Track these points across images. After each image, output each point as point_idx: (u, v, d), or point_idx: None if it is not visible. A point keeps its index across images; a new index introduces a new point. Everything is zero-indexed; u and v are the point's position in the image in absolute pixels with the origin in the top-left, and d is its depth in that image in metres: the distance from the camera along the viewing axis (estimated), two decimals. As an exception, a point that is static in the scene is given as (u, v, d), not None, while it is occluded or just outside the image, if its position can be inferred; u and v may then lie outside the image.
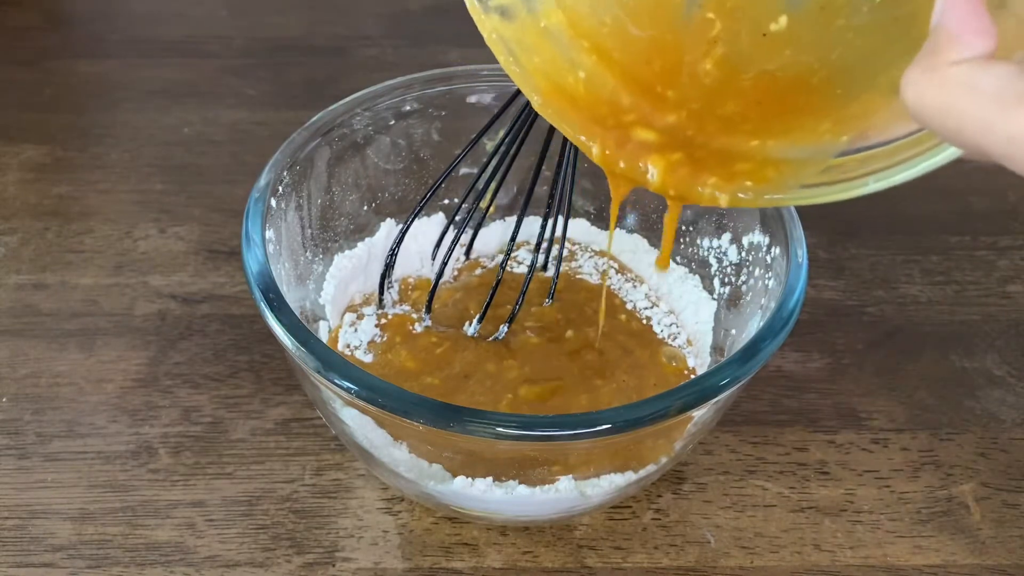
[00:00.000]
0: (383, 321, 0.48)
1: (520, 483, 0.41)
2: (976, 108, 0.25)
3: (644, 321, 0.50)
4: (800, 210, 0.44)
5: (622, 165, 0.34)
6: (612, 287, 0.52)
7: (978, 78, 0.25)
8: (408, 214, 0.48)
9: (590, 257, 0.53)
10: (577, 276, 0.52)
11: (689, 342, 0.49)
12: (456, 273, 0.52)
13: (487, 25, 0.35)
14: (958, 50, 0.25)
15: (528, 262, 0.52)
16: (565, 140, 0.45)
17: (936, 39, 0.26)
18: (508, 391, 0.45)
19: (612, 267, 0.53)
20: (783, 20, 0.34)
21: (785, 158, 0.33)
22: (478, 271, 0.52)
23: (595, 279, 0.52)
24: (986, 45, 0.26)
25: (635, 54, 0.35)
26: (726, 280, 0.49)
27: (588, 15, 0.36)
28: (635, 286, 0.52)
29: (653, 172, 0.34)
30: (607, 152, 0.35)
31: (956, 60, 0.25)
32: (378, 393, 0.36)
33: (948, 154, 0.29)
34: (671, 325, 0.50)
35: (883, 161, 0.31)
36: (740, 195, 0.34)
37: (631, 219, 0.53)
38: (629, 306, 0.51)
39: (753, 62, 0.35)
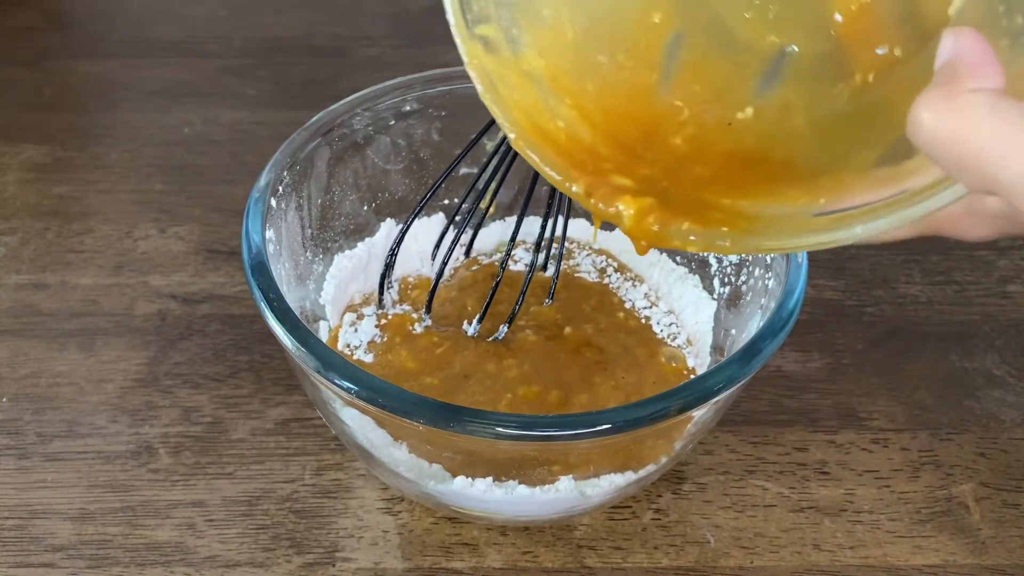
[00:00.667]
0: (383, 321, 0.48)
1: (520, 483, 0.41)
2: (997, 132, 0.25)
3: (643, 320, 0.50)
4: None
5: (599, 205, 0.34)
6: (611, 286, 0.52)
7: (1002, 104, 0.25)
8: (408, 214, 0.48)
9: (588, 255, 0.53)
10: (576, 275, 0.52)
11: (689, 342, 0.49)
12: (452, 272, 0.52)
13: (470, 50, 0.35)
14: (978, 79, 0.26)
15: (526, 261, 0.52)
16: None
17: (952, 71, 0.26)
18: (508, 391, 0.45)
19: (611, 265, 0.53)
20: (748, 111, 0.35)
21: (760, 214, 0.34)
22: (475, 268, 0.52)
23: (593, 277, 0.52)
24: (1001, 80, 0.26)
25: (612, 119, 0.36)
26: (726, 280, 0.49)
27: (569, 73, 0.36)
28: (635, 285, 0.52)
29: (626, 215, 0.34)
30: (583, 192, 0.35)
31: (975, 88, 0.26)
32: (378, 393, 0.36)
33: (940, 198, 0.28)
34: (671, 325, 0.50)
35: (866, 216, 0.31)
36: (717, 242, 0.33)
37: (631, 219, 0.53)
38: (628, 305, 0.51)
39: (719, 143, 0.35)
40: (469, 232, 0.51)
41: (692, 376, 0.48)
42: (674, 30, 0.36)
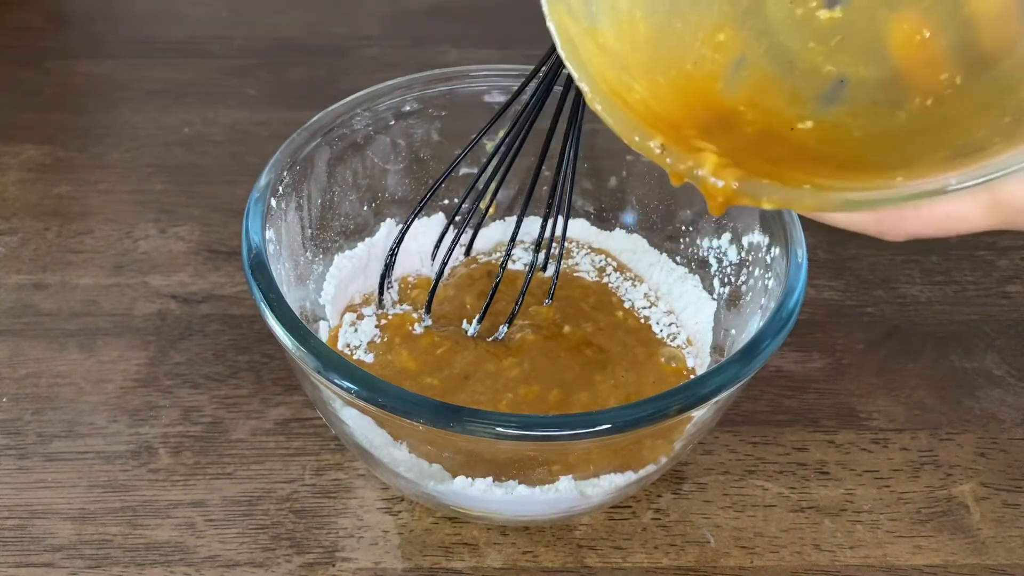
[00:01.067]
0: (383, 322, 0.48)
1: (520, 483, 0.41)
2: None
3: (642, 320, 0.50)
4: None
5: (677, 158, 0.34)
6: (610, 285, 0.52)
7: None
8: (408, 214, 0.48)
9: (587, 254, 0.53)
10: (575, 274, 0.52)
11: (689, 342, 0.49)
12: (452, 271, 0.52)
13: (552, 6, 0.34)
14: None
15: (524, 260, 0.53)
16: (565, 140, 0.45)
17: None
18: (508, 390, 0.45)
19: (611, 265, 0.53)
20: (808, 123, 0.35)
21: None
22: (474, 267, 0.52)
23: (592, 276, 0.52)
24: None
25: (684, 106, 0.36)
26: (726, 280, 0.49)
27: (640, 65, 0.36)
28: (634, 285, 0.52)
29: (708, 163, 0.33)
30: (661, 143, 0.34)
31: None
32: (378, 393, 0.36)
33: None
34: (670, 325, 0.50)
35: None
36: (798, 198, 0.32)
37: (631, 219, 0.53)
38: (627, 304, 0.51)
39: (785, 141, 0.35)
40: (469, 232, 0.51)
41: (692, 376, 0.48)
42: (739, 52, 0.36)
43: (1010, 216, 0.30)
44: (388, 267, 0.49)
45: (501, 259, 0.52)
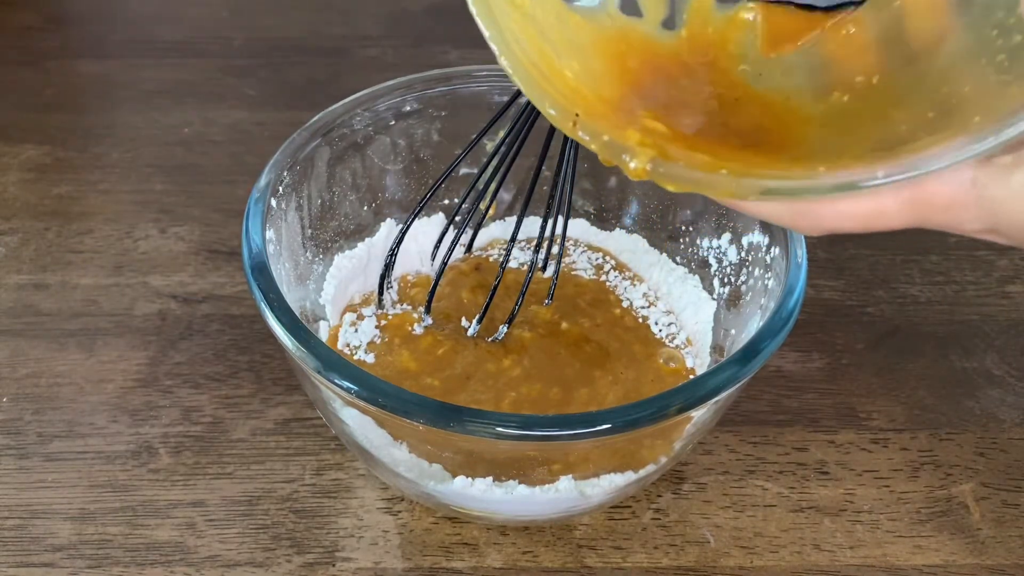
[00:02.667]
0: (383, 322, 0.48)
1: (520, 483, 0.41)
2: None
3: (640, 320, 0.50)
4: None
5: (585, 137, 0.33)
6: (608, 283, 0.52)
7: None
8: (408, 214, 0.48)
9: (583, 252, 0.53)
10: (572, 272, 0.52)
11: (689, 342, 0.49)
12: (451, 271, 0.52)
13: None
14: None
15: (524, 260, 0.53)
16: (566, 140, 0.45)
17: None
18: (511, 389, 0.45)
19: (609, 263, 0.53)
20: (737, 95, 0.35)
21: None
22: (474, 267, 0.52)
23: (590, 273, 0.52)
24: None
25: (611, 81, 0.35)
26: (726, 280, 0.49)
27: (562, 38, 0.36)
28: (633, 284, 0.52)
29: (632, 140, 0.32)
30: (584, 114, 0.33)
31: None
32: (378, 393, 0.36)
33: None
34: (670, 325, 0.50)
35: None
36: (713, 184, 0.31)
37: (631, 219, 0.53)
38: (625, 304, 0.51)
39: (716, 120, 0.35)
40: (469, 232, 0.51)
41: (691, 376, 0.48)
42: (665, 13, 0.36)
43: (926, 214, 0.30)
44: (388, 267, 0.49)
45: (494, 255, 0.53)
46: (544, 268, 0.51)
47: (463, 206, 0.49)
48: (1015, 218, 0.29)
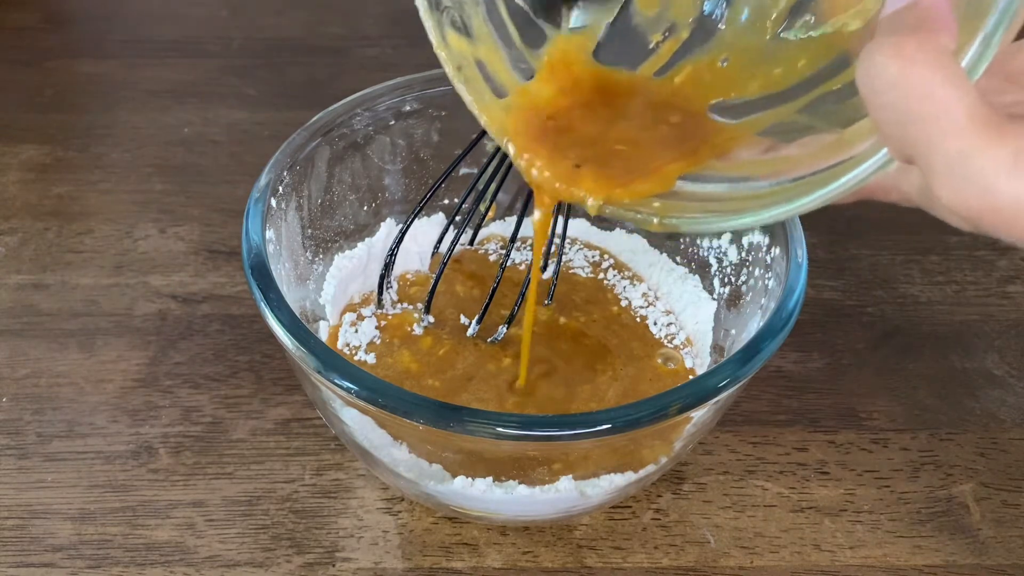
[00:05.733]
0: (383, 323, 0.48)
1: (520, 483, 0.41)
2: (946, 97, 0.24)
3: (638, 320, 0.50)
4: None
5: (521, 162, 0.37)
6: (606, 282, 0.52)
7: (954, 69, 0.24)
8: (408, 214, 0.48)
9: (579, 249, 0.53)
10: (570, 271, 0.52)
11: (688, 342, 0.49)
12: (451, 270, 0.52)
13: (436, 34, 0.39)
14: (941, 35, 0.25)
15: (521, 260, 0.53)
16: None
17: (917, 20, 0.25)
18: (510, 389, 0.45)
19: (608, 262, 0.53)
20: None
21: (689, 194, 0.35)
22: (474, 266, 0.52)
23: (587, 271, 0.52)
24: (955, 41, 0.25)
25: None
26: (726, 280, 0.49)
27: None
28: (633, 284, 0.52)
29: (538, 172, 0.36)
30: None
31: (939, 44, 0.25)
32: (378, 393, 0.36)
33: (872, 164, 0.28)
34: (669, 325, 0.50)
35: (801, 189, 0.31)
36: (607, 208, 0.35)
37: (631, 219, 0.53)
38: (624, 302, 0.51)
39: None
40: (469, 232, 0.51)
41: (691, 376, 0.48)
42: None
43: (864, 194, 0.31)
44: (388, 267, 0.49)
45: (494, 256, 0.53)
46: (544, 269, 0.51)
47: (463, 206, 0.49)
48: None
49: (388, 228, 0.52)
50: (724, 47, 0.37)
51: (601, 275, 0.52)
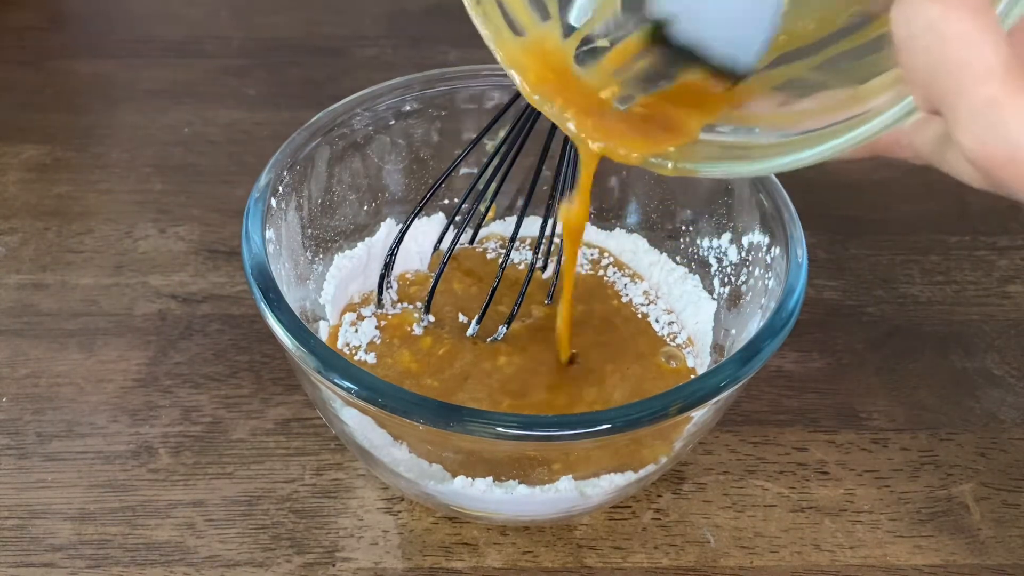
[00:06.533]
0: (383, 323, 0.48)
1: (520, 483, 0.41)
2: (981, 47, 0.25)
3: (640, 316, 0.50)
4: (800, 210, 0.44)
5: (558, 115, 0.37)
6: (606, 279, 0.52)
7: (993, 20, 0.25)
8: (408, 214, 0.48)
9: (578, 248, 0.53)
10: None
11: (690, 341, 0.49)
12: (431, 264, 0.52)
13: None
14: None
15: (520, 259, 0.53)
16: (566, 140, 0.45)
17: None
18: (509, 387, 0.45)
19: (608, 260, 0.53)
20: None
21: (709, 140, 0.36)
22: (474, 265, 0.52)
23: (586, 269, 0.52)
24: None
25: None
26: (726, 280, 0.49)
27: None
28: (634, 282, 0.52)
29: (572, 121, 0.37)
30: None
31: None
32: (378, 393, 0.36)
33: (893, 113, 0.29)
34: (671, 324, 0.50)
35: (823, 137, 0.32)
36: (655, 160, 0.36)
37: (631, 219, 0.53)
38: (624, 299, 0.51)
39: None
40: (469, 232, 0.51)
41: (692, 376, 0.48)
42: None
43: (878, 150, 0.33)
44: (387, 267, 0.49)
45: (492, 254, 0.53)
46: (544, 268, 0.51)
47: (463, 206, 0.49)
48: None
49: (388, 228, 0.52)
50: None
51: (601, 272, 0.52)
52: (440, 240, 0.51)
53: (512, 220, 0.53)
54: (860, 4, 0.33)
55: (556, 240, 0.50)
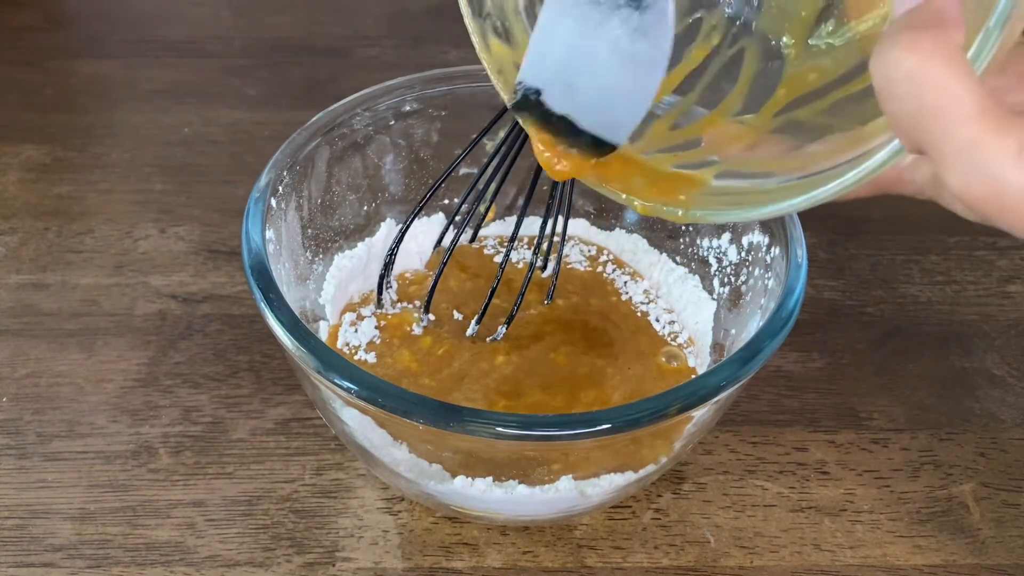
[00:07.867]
0: (383, 322, 0.48)
1: (520, 483, 0.41)
2: (958, 93, 0.25)
3: (639, 314, 0.50)
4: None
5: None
6: (605, 275, 0.52)
7: (964, 64, 0.25)
8: (408, 214, 0.48)
9: (575, 245, 0.53)
10: (567, 266, 0.52)
11: (690, 341, 0.49)
12: (428, 263, 0.52)
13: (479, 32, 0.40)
14: (951, 32, 0.26)
15: (519, 259, 0.53)
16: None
17: (932, 16, 0.26)
18: (506, 387, 0.45)
19: (608, 259, 0.53)
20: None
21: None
22: (473, 265, 0.52)
23: (585, 266, 0.52)
24: (962, 37, 0.26)
25: None
26: (726, 280, 0.49)
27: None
28: (634, 280, 0.52)
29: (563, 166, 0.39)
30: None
31: (949, 40, 0.26)
32: (378, 393, 0.36)
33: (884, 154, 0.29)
34: (671, 323, 0.50)
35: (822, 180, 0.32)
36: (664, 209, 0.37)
37: (631, 218, 0.53)
38: (624, 296, 0.51)
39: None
40: (469, 232, 0.51)
41: (692, 376, 0.48)
42: None
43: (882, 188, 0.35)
44: (387, 267, 0.49)
45: (489, 251, 0.53)
46: (544, 268, 0.51)
47: (463, 206, 0.49)
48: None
49: (388, 228, 0.52)
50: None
51: (600, 268, 0.52)
52: (440, 240, 0.51)
53: (512, 220, 0.53)
54: (860, 54, 0.34)
55: (555, 239, 0.50)
